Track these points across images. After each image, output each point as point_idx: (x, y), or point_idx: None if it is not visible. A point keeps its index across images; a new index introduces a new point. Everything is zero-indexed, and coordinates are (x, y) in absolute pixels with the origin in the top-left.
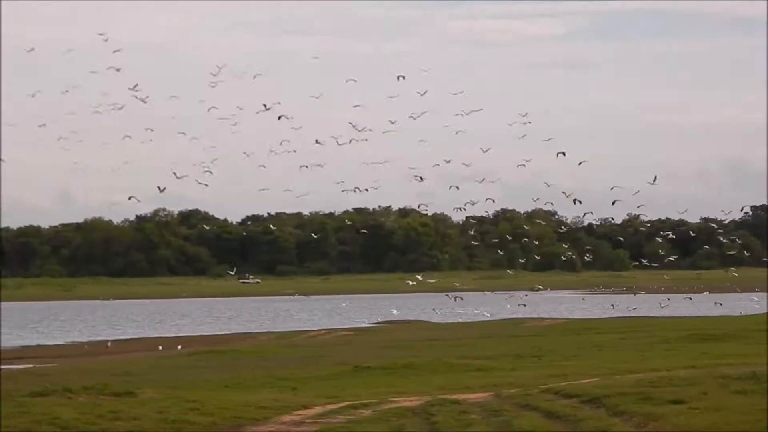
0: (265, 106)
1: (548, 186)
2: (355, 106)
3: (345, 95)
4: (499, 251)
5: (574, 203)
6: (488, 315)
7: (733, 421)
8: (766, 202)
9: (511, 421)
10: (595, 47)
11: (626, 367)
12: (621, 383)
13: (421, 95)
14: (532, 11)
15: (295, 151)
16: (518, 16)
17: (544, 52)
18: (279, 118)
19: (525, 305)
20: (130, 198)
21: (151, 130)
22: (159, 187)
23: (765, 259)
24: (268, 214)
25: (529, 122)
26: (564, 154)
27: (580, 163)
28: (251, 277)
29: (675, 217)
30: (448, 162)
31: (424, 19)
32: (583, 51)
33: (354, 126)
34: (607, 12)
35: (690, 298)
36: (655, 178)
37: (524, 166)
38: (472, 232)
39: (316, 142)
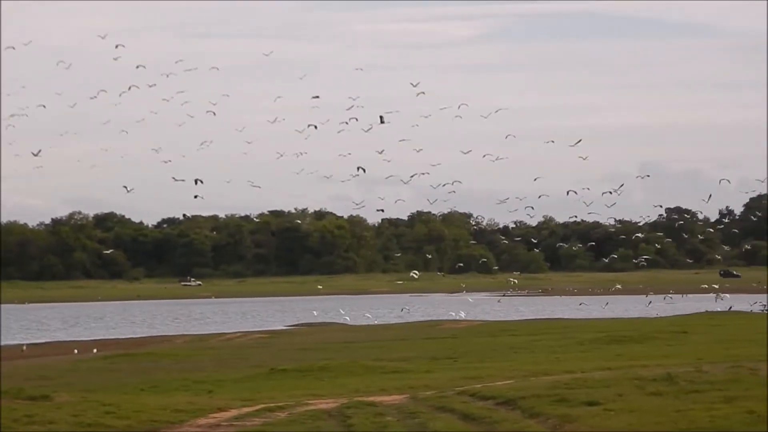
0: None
1: (461, 187)
2: (276, 99)
3: (257, 97)
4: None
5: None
6: (407, 316)
7: (647, 423)
8: (679, 205)
9: (426, 423)
10: (506, 50)
11: (541, 369)
12: (536, 385)
13: (331, 98)
14: (442, 14)
15: (206, 142)
16: (427, 18)
17: (454, 55)
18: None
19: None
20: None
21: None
22: (126, 187)
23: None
24: (184, 216)
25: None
26: (469, 149)
27: (496, 160)
28: (193, 279)
29: (590, 219)
30: (364, 166)
31: (332, 21)
32: (494, 54)
33: (272, 123)
34: (518, 15)
35: (670, 298)
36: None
37: (439, 165)
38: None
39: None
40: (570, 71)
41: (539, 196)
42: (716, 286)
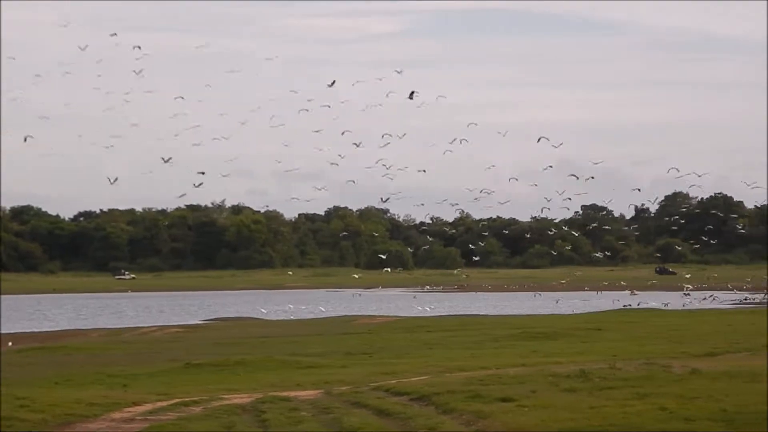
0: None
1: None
2: (200, 93)
3: (179, 91)
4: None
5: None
6: (323, 311)
7: (561, 419)
8: (595, 202)
9: (341, 418)
10: (426, 46)
11: (456, 365)
12: (451, 381)
13: (259, 93)
14: (364, 10)
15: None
16: (349, 14)
17: (380, 50)
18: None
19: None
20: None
21: None
22: (110, 179)
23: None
24: (101, 210)
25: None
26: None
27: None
28: (127, 273)
29: (506, 215)
30: (282, 161)
31: (256, 15)
32: (415, 49)
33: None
34: (438, 11)
35: (631, 297)
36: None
37: (356, 160)
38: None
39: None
40: (489, 67)
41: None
42: (623, 283)
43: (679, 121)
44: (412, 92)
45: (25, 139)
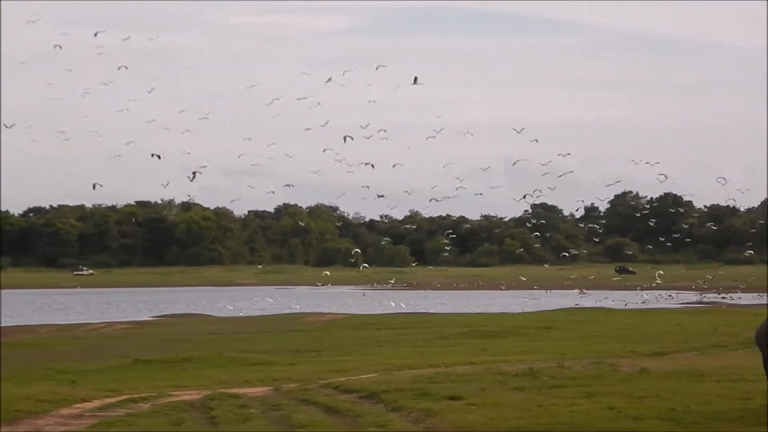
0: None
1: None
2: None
3: (122, 88)
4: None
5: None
6: (272, 309)
7: (509, 417)
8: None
9: (290, 415)
10: (378, 43)
11: (405, 363)
12: (399, 379)
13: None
14: (309, 7)
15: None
16: (299, 10)
17: (326, 48)
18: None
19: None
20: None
21: None
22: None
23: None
24: (50, 206)
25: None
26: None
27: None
28: (85, 269)
29: (456, 213)
30: (228, 158)
31: (198, 11)
32: (366, 47)
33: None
34: (386, 9)
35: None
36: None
37: (304, 158)
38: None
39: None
40: (438, 66)
41: (406, 191)
42: (591, 277)
43: (627, 121)
44: (416, 78)
45: None
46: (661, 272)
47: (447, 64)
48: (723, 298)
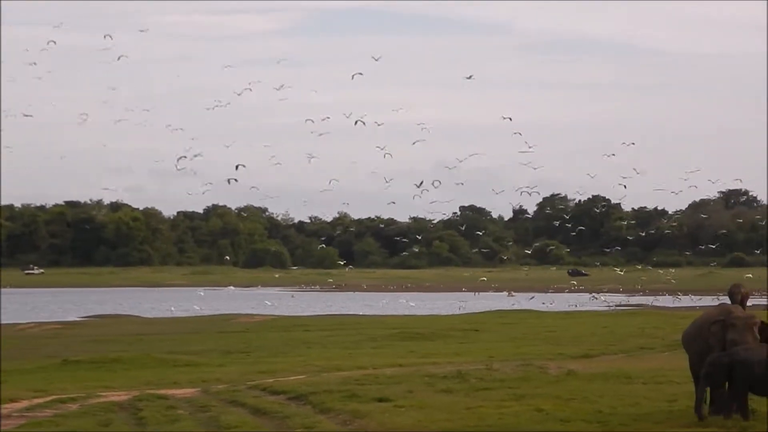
0: None
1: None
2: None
3: (50, 87)
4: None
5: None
6: (198, 309)
7: (437, 419)
8: (474, 203)
9: (218, 417)
10: (309, 44)
11: (333, 365)
12: (328, 381)
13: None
14: (238, 7)
15: None
16: (232, 11)
17: (257, 48)
18: None
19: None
20: None
21: None
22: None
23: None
24: None
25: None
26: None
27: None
28: (36, 268)
29: (385, 215)
30: (163, 159)
31: (128, 11)
32: (297, 47)
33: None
34: (317, 9)
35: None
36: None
37: (243, 165)
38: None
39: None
40: (368, 67)
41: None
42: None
43: (556, 122)
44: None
45: None
46: (620, 272)
47: (377, 65)
48: (678, 299)
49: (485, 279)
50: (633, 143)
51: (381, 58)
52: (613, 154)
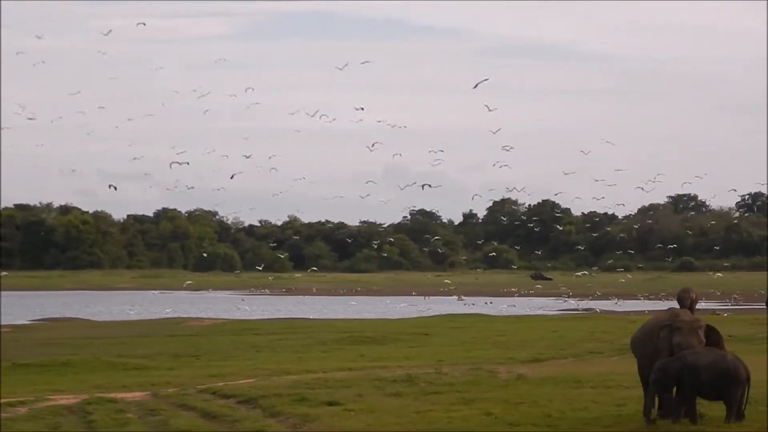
0: None
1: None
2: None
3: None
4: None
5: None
6: (151, 313)
7: (387, 423)
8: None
9: (167, 420)
10: (261, 48)
11: (283, 369)
12: (277, 384)
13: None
14: (196, 10)
15: None
16: (183, 14)
17: (209, 52)
18: None
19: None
20: None
21: None
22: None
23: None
24: None
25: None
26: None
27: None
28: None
29: (335, 219)
30: (110, 161)
31: (82, 14)
32: (246, 51)
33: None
34: (272, 13)
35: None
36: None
37: (187, 164)
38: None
39: None
40: (318, 70)
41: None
42: (442, 279)
43: (505, 128)
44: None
45: None
46: (585, 273)
47: (327, 68)
48: (616, 304)
49: (449, 282)
50: (586, 151)
51: (335, 62)
52: (563, 159)
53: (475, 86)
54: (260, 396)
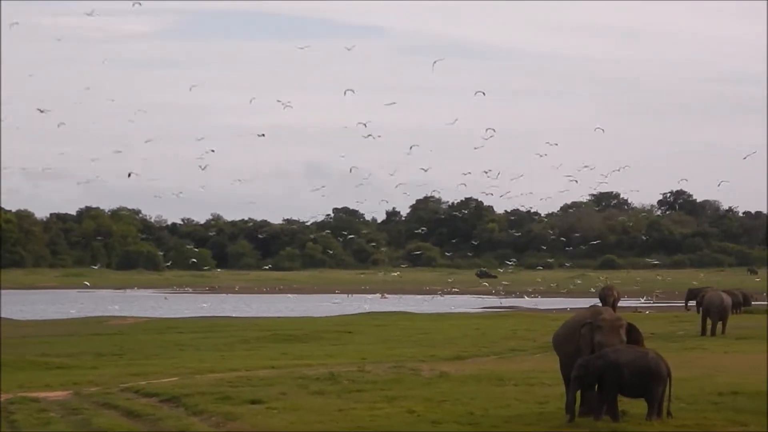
0: None
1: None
2: None
3: None
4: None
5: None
6: (74, 312)
7: (310, 421)
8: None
9: (90, 419)
10: (182, 46)
11: (206, 367)
12: (200, 383)
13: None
14: (121, 9)
15: None
16: (107, 13)
17: (133, 50)
18: None
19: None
20: None
21: None
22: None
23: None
24: None
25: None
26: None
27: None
28: None
29: (258, 217)
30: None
31: (6, 13)
32: (171, 50)
33: None
34: (195, 11)
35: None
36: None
37: (111, 161)
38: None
39: None
40: (240, 70)
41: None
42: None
43: (428, 126)
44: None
45: None
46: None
47: (249, 67)
48: (534, 296)
49: (398, 274)
50: (508, 147)
51: (252, 60)
52: (486, 158)
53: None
54: (183, 394)
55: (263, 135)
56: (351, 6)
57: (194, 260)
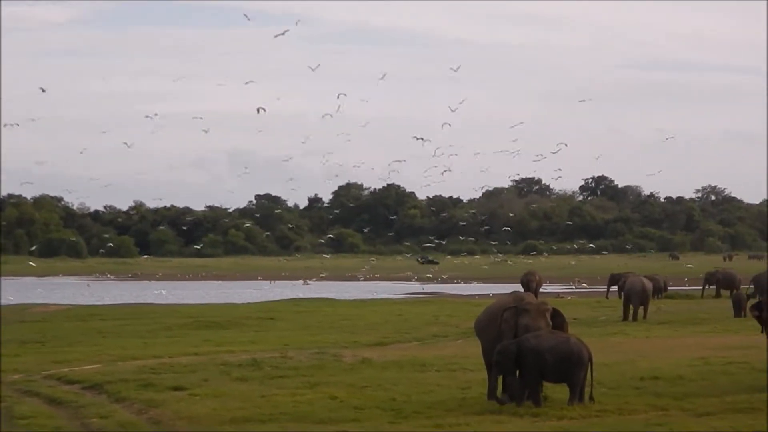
0: None
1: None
2: None
3: None
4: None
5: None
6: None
7: (232, 407)
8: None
9: (12, 407)
10: (98, 35)
11: (129, 354)
12: (123, 370)
13: None
14: None
15: None
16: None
17: (54, 39)
18: None
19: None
20: None
21: None
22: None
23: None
24: None
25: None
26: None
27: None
28: None
29: (180, 204)
30: None
31: None
32: (86, 39)
33: None
34: (115, 1)
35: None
36: None
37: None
38: None
39: None
40: (162, 58)
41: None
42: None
43: (349, 113)
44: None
45: None
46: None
47: (172, 55)
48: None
49: (320, 260)
50: (424, 138)
51: (175, 49)
52: (409, 145)
53: (314, 70)
54: (105, 381)
55: (200, 118)
56: None
57: (111, 245)
